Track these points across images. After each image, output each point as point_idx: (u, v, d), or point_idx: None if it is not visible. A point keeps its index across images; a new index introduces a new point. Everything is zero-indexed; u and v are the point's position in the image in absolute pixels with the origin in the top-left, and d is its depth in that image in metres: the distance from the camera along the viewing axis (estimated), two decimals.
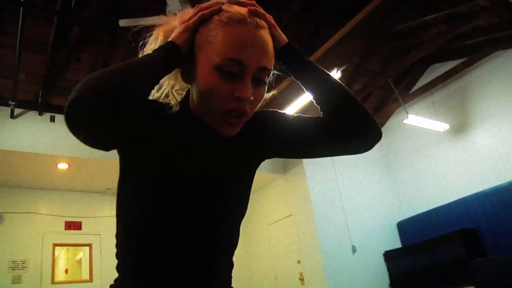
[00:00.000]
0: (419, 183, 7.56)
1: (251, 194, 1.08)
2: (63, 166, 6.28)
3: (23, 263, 6.32)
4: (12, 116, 5.71)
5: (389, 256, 7.06)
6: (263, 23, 0.87)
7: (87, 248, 7.10)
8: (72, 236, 7.02)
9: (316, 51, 5.23)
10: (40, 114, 5.96)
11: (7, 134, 5.62)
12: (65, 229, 6.98)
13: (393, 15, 5.98)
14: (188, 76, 0.91)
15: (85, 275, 6.97)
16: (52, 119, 6.02)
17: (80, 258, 7.71)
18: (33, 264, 6.41)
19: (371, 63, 7.04)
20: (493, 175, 6.46)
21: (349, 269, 6.61)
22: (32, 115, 5.91)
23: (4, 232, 6.42)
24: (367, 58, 6.85)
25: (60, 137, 5.95)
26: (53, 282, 6.50)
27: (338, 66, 5.32)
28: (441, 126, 6.97)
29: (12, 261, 6.26)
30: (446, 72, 6.82)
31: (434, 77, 7.10)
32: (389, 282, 6.86)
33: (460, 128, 7.06)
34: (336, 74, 5.14)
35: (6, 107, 5.61)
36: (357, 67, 6.99)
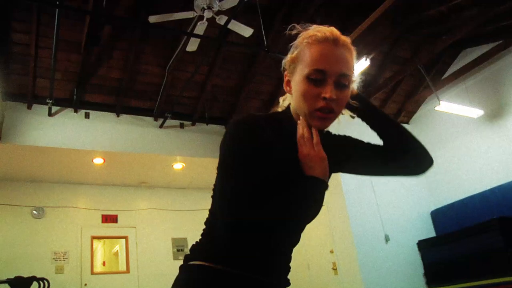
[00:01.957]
0: (453, 171, 7.41)
1: None
2: (98, 161, 6.47)
3: (65, 255, 6.58)
4: (50, 114, 5.92)
5: (422, 245, 6.96)
6: (342, 41, 1.12)
7: (123, 240, 7.32)
8: (109, 229, 7.25)
9: None
10: (76, 111, 6.14)
11: (45, 132, 5.84)
12: (102, 222, 7.21)
13: (422, 0, 5.87)
14: (288, 87, 1.19)
15: (122, 267, 7.19)
16: (87, 116, 6.21)
17: (117, 251, 7.96)
18: (74, 255, 6.66)
19: (401, 50, 6.92)
20: None
21: (383, 258, 6.57)
22: (68, 112, 6.11)
23: (46, 225, 6.70)
24: (396, 45, 6.74)
25: (95, 133, 6.14)
26: (92, 273, 6.75)
27: (367, 54, 5.26)
28: (475, 112, 6.80)
29: (54, 252, 6.53)
30: (479, 57, 6.63)
31: (467, 62, 6.91)
32: (423, 271, 6.78)
33: (494, 113, 6.88)
34: (365, 62, 5.09)
35: (44, 106, 5.82)
36: (386, 55, 6.89)
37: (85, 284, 6.55)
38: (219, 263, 1.05)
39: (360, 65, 5.02)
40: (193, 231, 7.63)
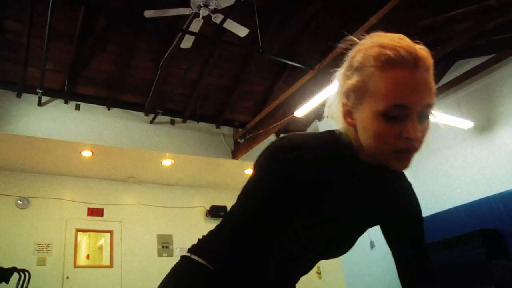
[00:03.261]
0: (440, 181, 7.46)
1: None
2: (87, 153, 6.42)
3: (48, 246, 6.52)
4: (39, 103, 5.86)
5: None
6: (422, 60, 0.86)
7: (108, 234, 7.26)
8: (94, 222, 7.19)
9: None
10: (66, 102, 6.09)
11: (34, 121, 5.78)
12: (88, 215, 7.15)
13: (418, 9, 5.89)
14: (350, 119, 0.95)
15: (106, 261, 7.13)
16: (77, 108, 6.16)
17: (101, 245, 7.89)
18: (57, 248, 6.60)
19: None
20: None
21: (367, 264, 6.58)
22: (58, 103, 6.05)
23: (30, 215, 6.62)
24: None
25: (85, 125, 6.09)
26: (75, 266, 6.68)
27: None
28: (465, 123, 6.85)
29: (38, 244, 6.46)
30: (472, 69, 6.68)
31: (459, 74, 6.96)
32: None
33: (485, 126, 6.93)
34: None
35: (34, 95, 5.76)
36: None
37: (67, 277, 6.49)
38: (217, 269, 1.02)
39: None
40: (178, 228, 7.61)
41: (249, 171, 7.59)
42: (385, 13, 4.90)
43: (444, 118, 6.73)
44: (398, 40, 0.87)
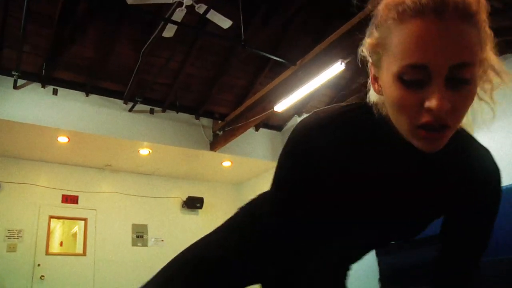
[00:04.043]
0: None
1: (245, 181, 1.12)
2: (63, 139, 6.31)
3: (19, 233, 6.40)
4: (15, 86, 5.73)
5: (380, 250, 7.09)
6: (453, 5, 0.65)
7: (83, 222, 7.17)
8: (68, 209, 7.08)
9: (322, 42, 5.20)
10: (43, 86, 5.97)
11: (9, 104, 5.65)
12: (62, 202, 7.04)
13: None
14: (377, 85, 0.79)
15: (79, 249, 7.05)
16: (55, 92, 6.04)
17: (75, 232, 7.80)
18: (29, 234, 6.49)
19: None
20: None
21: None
22: (35, 87, 5.93)
23: (2, 201, 6.49)
24: None
25: (62, 110, 5.99)
26: (47, 253, 6.58)
27: (343, 58, 5.29)
28: None
29: (8, 230, 6.34)
30: None
31: None
32: (379, 276, 6.92)
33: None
34: (340, 66, 5.12)
35: (10, 78, 5.63)
36: (362, 60, 6.94)
37: (38, 265, 6.39)
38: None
39: (335, 69, 5.04)
40: (154, 218, 7.57)
41: (227, 164, 7.58)
42: (369, 12, 4.90)
43: None
44: None
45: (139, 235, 7.34)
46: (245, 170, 7.92)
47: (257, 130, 7.55)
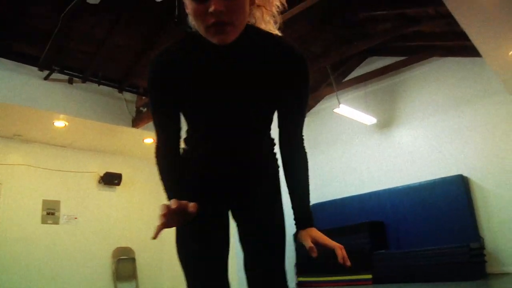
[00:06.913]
0: (339, 170, 7.74)
1: None
2: None
3: None
4: None
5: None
6: None
7: None
8: None
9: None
10: None
11: None
12: None
13: (345, 3, 5.88)
14: (187, 9, 1.12)
15: None
16: None
17: None
18: None
19: (314, 45, 6.91)
20: (406, 174, 6.77)
21: None
22: None
23: None
24: (309, 41, 6.71)
25: None
26: None
27: None
28: (369, 119, 7.12)
29: None
30: (382, 67, 6.90)
31: (370, 70, 7.17)
32: (295, 262, 7.07)
33: (385, 124, 7.26)
34: None
35: None
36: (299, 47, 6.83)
37: None
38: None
39: None
40: (68, 194, 7.06)
41: (148, 141, 7.22)
42: (312, 3, 4.82)
43: (350, 112, 6.92)
44: None
45: (50, 212, 6.80)
46: None
47: None
